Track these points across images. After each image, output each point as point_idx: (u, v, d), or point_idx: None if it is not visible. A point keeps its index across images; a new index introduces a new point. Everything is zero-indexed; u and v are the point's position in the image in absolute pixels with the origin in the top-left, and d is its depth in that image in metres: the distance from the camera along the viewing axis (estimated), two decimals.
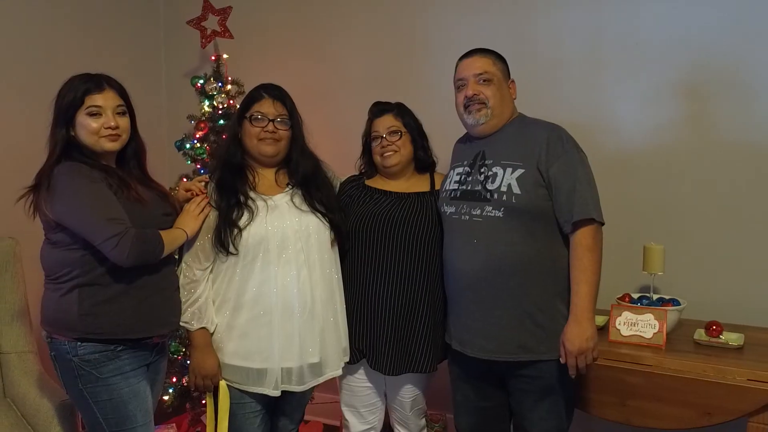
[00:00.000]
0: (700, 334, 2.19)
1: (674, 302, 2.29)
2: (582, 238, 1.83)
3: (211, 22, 2.99)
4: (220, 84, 2.85)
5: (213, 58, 2.92)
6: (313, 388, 2.13)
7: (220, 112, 2.82)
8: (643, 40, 2.57)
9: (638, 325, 2.17)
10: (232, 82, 2.90)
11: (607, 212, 2.56)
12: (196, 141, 2.83)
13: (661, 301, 2.32)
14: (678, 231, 2.54)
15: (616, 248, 2.58)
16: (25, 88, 2.85)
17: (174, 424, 2.71)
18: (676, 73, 2.52)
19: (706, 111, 2.49)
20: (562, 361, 1.84)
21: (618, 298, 2.35)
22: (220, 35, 2.96)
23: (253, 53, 3.31)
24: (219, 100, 2.81)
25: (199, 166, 2.80)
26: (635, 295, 2.38)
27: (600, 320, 2.32)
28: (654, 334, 2.13)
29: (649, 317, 2.16)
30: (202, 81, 2.86)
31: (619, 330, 2.19)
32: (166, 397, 2.63)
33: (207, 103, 2.83)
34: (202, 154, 2.77)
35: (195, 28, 2.96)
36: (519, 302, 1.89)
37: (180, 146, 2.87)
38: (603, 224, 1.87)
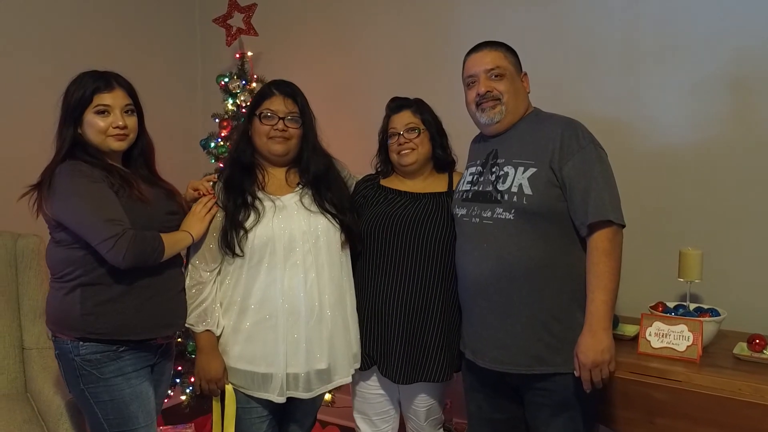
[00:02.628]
0: (741, 348, 2.01)
1: (713, 313, 2.11)
2: (598, 241, 1.70)
3: (238, 20, 2.97)
4: (244, 82, 2.82)
5: (237, 55, 2.90)
6: (324, 393, 2.08)
7: (243, 110, 2.80)
8: (683, 29, 2.39)
9: (670, 337, 2.00)
10: (257, 80, 2.88)
11: (642, 214, 2.44)
12: (220, 139, 2.82)
13: (699, 311, 2.15)
14: (719, 235, 2.34)
15: (651, 252, 2.44)
16: (63, 89, 2.90)
17: (192, 425, 2.70)
18: (719, 64, 2.33)
19: (752, 105, 2.29)
20: (576, 374, 1.72)
21: (650, 307, 2.19)
22: (244, 32, 2.94)
23: (280, 50, 3.28)
24: (242, 98, 2.79)
25: (222, 165, 2.79)
26: (671, 304, 2.21)
27: (631, 330, 2.17)
28: (687, 347, 1.97)
29: (682, 328, 1.99)
30: (227, 79, 2.84)
31: (649, 341, 2.03)
32: (183, 397, 2.63)
33: (231, 101, 2.81)
34: (225, 152, 2.75)
35: (221, 26, 2.96)
36: (532, 310, 1.77)
37: (205, 145, 2.86)
38: (623, 226, 1.73)
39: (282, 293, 1.90)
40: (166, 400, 2.97)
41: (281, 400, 1.92)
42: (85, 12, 3.09)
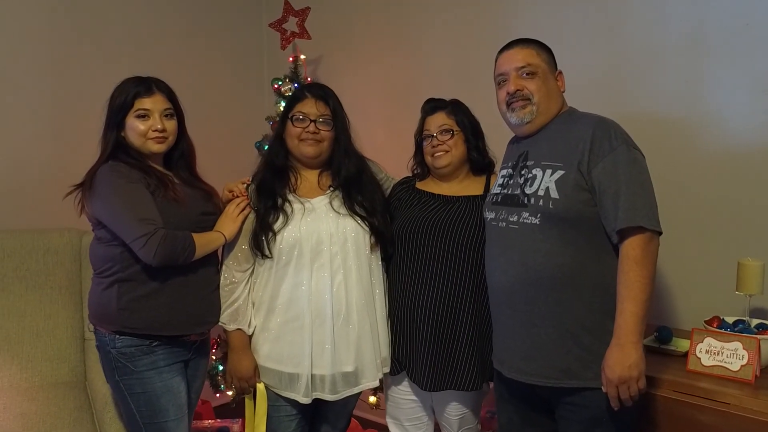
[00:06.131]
0: None
1: None
2: (629, 248, 1.59)
3: (293, 24, 3.02)
4: (296, 85, 2.86)
5: (291, 59, 2.95)
6: (356, 396, 2.07)
7: None
8: (755, 21, 2.18)
9: (723, 355, 1.84)
10: None
11: (701, 220, 2.27)
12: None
13: (762, 328, 1.97)
14: None
15: (710, 262, 2.26)
16: None
17: (240, 420, 2.76)
18: None
19: None
20: (603, 389, 1.61)
21: (705, 322, 2.02)
22: (298, 36, 2.98)
23: (333, 53, 3.31)
24: None
25: None
26: (729, 319, 2.04)
27: (684, 345, 2.02)
28: (742, 366, 1.80)
29: (736, 346, 1.83)
30: (280, 82, 2.89)
31: (699, 359, 1.87)
32: (230, 393, 2.69)
33: (283, 104, 2.85)
34: None
35: (276, 30, 3.01)
36: (560, 320, 1.68)
37: (259, 147, 2.93)
38: (659, 233, 1.61)
39: (308, 295, 1.91)
40: (218, 396, 3.10)
41: (306, 400, 1.93)
42: (156, 17, 3.23)
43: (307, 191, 2.01)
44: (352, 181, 2.02)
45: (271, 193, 1.98)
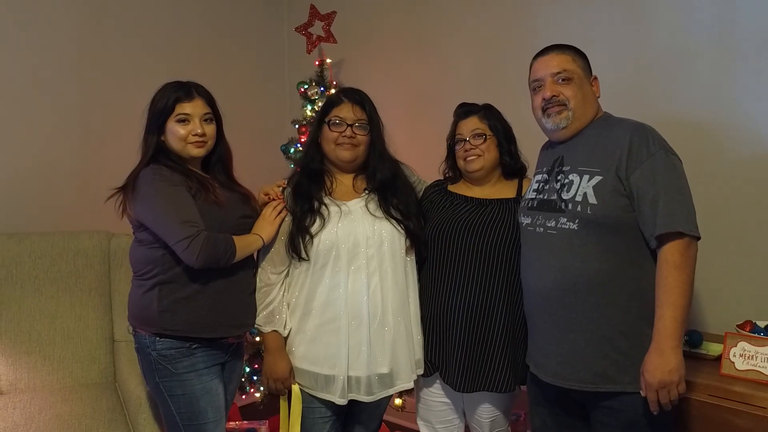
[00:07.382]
0: None
1: None
2: (668, 254, 1.60)
3: (318, 29, 3.04)
4: (322, 89, 2.89)
5: (317, 63, 2.97)
6: (389, 398, 2.09)
7: None
8: None
9: (757, 359, 1.86)
10: (336, 87, 2.93)
11: (732, 225, 2.28)
12: (299, 145, 2.90)
13: None
14: None
15: (741, 266, 2.27)
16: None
17: (267, 422, 2.78)
18: None
19: None
20: (642, 394, 1.63)
21: (737, 326, 2.04)
22: (324, 40, 3.00)
23: (359, 57, 3.33)
24: (320, 104, 2.85)
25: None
26: (762, 323, 2.05)
27: (716, 349, 2.04)
28: None
29: None
30: (306, 86, 2.92)
31: (733, 363, 1.90)
32: (257, 394, 2.71)
33: (309, 107, 2.88)
34: None
35: (302, 34, 3.04)
36: (597, 325, 1.70)
37: (285, 150, 2.95)
38: (698, 238, 1.63)
39: (345, 297, 1.93)
40: (244, 397, 3.12)
41: (342, 402, 1.95)
42: (180, 22, 3.27)
43: (343, 194, 2.03)
44: (388, 185, 2.04)
45: (307, 197, 2.00)
